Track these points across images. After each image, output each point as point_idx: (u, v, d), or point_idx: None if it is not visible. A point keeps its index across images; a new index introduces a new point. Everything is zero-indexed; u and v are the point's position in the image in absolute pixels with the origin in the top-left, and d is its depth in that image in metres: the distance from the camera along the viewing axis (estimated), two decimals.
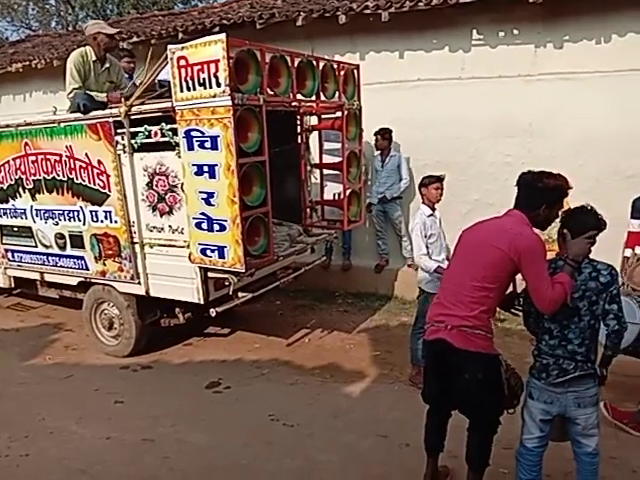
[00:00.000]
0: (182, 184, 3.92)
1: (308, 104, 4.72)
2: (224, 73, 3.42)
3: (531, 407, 2.53)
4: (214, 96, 3.49)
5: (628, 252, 4.19)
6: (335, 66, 4.51)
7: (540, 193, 2.44)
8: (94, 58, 4.61)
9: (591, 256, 2.45)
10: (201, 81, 3.52)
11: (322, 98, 4.44)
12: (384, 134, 5.85)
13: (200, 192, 3.72)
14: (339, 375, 4.44)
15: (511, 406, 2.67)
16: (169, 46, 3.68)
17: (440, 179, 4.08)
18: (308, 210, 5.31)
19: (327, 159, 5.11)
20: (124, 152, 4.29)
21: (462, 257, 2.58)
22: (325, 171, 5.19)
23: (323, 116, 5.03)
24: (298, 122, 5.06)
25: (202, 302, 4.20)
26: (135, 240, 4.44)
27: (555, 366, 2.42)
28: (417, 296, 4.28)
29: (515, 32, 5.38)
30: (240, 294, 4.31)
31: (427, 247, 3.97)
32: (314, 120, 5.15)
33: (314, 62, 4.21)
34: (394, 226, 6.18)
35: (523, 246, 2.35)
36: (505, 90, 5.43)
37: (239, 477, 3.13)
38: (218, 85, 3.46)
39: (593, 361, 2.43)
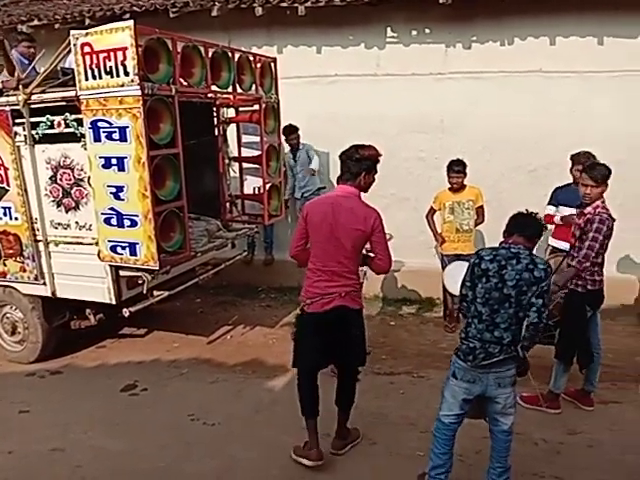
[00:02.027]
0: (89, 177, 3.72)
1: (224, 96, 4.63)
2: (132, 61, 3.27)
3: (454, 386, 2.65)
4: (122, 85, 3.33)
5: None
6: (251, 58, 4.45)
7: (358, 163, 2.90)
8: None
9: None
10: (107, 69, 3.35)
11: (239, 90, 4.38)
12: (295, 131, 5.84)
13: (108, 186, 3.55)
14: (262, 370, 4.42)
15: None
16: (72, 32, 3.46)
17: None
18: (227, 204, 5.22)
19: (246, 152, 5.05)
20: (24, 143, 4.00)
21: (326, 240, 2.90)
22: (244, 165, 5.12)
23: (241, 109, 4.96)
24: (215, 114, 4.95)
25: (114, 302, 4.01)
26: (39, 238, 4.16)
27: (482, 350, 2.55)
28: None
29: (427, 31, 5.57)
30: (155, 292, 4.15)
31: None
32: (231, 112, 5.06)
33: (229, 53, 4.14)
34: None
35: (376, 222, 2.88)
36: (418, 87, 5.61)
37: None
38: (126, 74, 3.30)
39: (516, 344, 2.57)
